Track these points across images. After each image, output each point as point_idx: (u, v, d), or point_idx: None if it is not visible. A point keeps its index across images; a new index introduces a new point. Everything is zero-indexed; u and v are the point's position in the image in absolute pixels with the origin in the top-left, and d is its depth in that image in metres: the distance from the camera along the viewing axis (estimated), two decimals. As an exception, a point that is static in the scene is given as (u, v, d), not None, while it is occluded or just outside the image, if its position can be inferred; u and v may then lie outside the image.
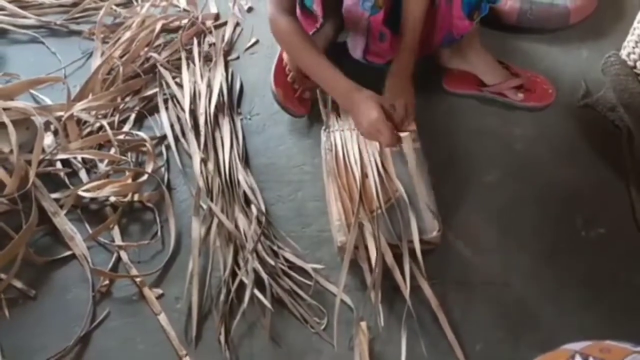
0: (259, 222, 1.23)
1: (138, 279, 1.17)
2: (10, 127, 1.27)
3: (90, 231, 1.25)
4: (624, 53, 1.43)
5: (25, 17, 1.73)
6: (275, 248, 1.20)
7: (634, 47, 1.37)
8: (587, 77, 1.46)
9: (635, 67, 1.38)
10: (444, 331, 1.06)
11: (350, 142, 1.29)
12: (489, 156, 1.34)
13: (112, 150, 1.38)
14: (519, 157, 1.33)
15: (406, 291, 1.07)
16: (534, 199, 1.26)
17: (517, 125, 1.39)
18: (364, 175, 1.23)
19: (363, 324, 1.07)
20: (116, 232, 1.25)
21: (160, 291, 1.17)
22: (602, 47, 1.51)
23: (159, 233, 1.25)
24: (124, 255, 1.22)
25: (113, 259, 1.22)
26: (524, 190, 1.27)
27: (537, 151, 1.34)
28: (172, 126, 1.44)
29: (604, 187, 1.27)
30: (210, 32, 1.66)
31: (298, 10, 1.32)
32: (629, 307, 1.09)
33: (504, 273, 1.15)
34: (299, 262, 1.18)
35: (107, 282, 1.18)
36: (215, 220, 1.23)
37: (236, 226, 1.22)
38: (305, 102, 1.43)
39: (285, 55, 1.43)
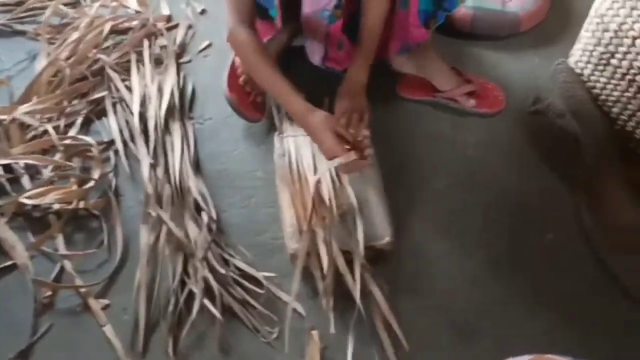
0: (210, 229, 1.21)
1: (82, 290, 1.13)
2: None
3: (33, 240, 1.20)
4: (571, 60, 1.45)
5: (-34, 15, 1.66)
6: (226, 256, 1.18)
7: (581, 55, 1.40)
8: (538, 84, 1.48)
9: (582, 74, 1.41)
10: (394, 338, 1.05)
11: (303, 147, 1.28)
12: (441, 162, 1.34)
13: (57, 156, 1.33)
14: (470, 163, 1.34)
15: (357, 298, 1.06)
16: (484, 205, 1.27)
17: (469, 131, 1.40)
18: (317, 182, 1.21)
19: (314, 333, 1.05)
20: (60, 240, 1.21)
21: (106, 302, 1.13)
22: (552, 54, 1.54)
23: (105, 241, 1.21)
24: (68, 264, 1.18)
25: (57, 268, 1.17)
26: (474, 196, 1.28)
27: (488, 157, 1.35)
28: (120, 131, 1.40)
29: (552, 193, 1.29)
30: (162, 34, 1.63)
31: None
32: (574, 316, 1.10)
33: (454, 280, 1.15)
34: (250, 270, 1.16)
35: (49, 293, 1.14)
36: (165, 228, 1.20)
37: (186, 234, 1.19)
38: (259, 107, 1.41)
39: (238, 59, 1.41)
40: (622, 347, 1.06)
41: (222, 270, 1.13)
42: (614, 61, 1.27)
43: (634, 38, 1.19)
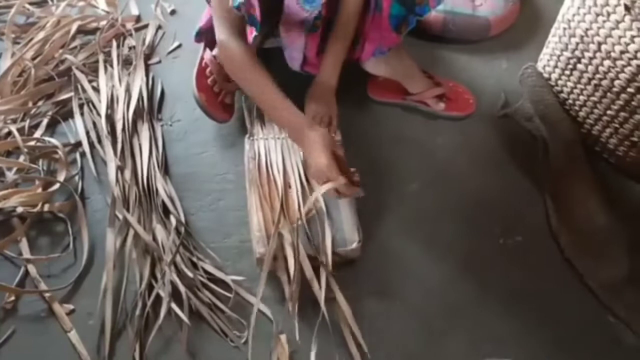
0: (178, 232, 1.19)
1: (47, 294, 1.11)
2: None
3: (-5, 244, 1.18)
4: (540, 65, 1.47)
5: None
6: (194, 259, 1.17)
7: (548, 60, 1.42)
8: (507, 88, 1.50)
9: (550, 79, 1.43)
10: (358, 343, 1.05)
11: (274, 151, 1.28)
12: (411, 165, 1.35)
13: (21, 158, 1.30)
14: (440, 166, 1.35)
15: (322, 303, 1.06)
16: (454, 208, 1.28)
17: (439, 134, 1.41)
18: (287, 185, 1.21)
19: (282, 337, 1.05)
20: (24, 244, 1.18)
21: (71, 307, 1.11)
22: (521, 58, 1.55)
23: (70, 245, 1.19)
24: (32, 269, 1.15)
25: (20, 273, 1.15)
26: (444, 199, 1.29)
27: (458, 160, 1.36)
28: (87, 132, 1.37)
29: (521, 196, 1.30)
30: (131, 35, 1.60)
31: None
32: (545, 316, 1.11)
33: (424, 283, 1.16)
34: (218, 273, 1.15)
35: (12, 298, 1.11)
36: (132, 231, 1.18)
37: (154, 237, 1.18)
38: (228, 108, 1.40)
39: (207, 57, 1.39)
40: (593, 346, 1.08)
41: (190, 274, 1.12)
42: (580, 66, 1.30)
43: (599, 44, 1.21)
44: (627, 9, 1.12)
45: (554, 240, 1.22)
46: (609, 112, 1.27)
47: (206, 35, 1.40)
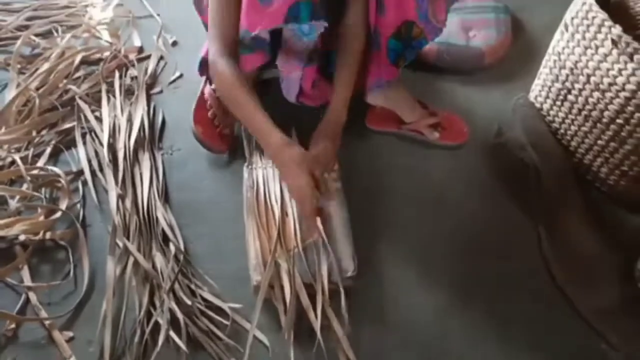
0: (177, 260, 1.21)
1: (47, 322, 1.12)
2: None
3: (-2, 271, 1.20)
4: (532, 95, 1.51)
5: None
6: (193, 287, 1.18)
7: (540, 90, 1.45)
8: (500, 117, 1.53)
9: (542, 109, 1.46)
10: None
11: (272, 179, 1.30)
12: (405, 193, 1.37)
13: (24, 186, 1.32)
14: (434, 194, 1.37)
15: (318, 331, 1.07)
16: (448, 235, 1.30)
17: (434, 162, 1.44)
18: (284, 214, 1.23)
19: (278, 365, 1.06)
20: (25, 272, 1.20)
21: (70, 334, 1.12)
22: (514, 88, 1.59)
23: (71, 273, 1.21)
24: (32, 296, 1.16)
25: (21, 300, 1.16)
26: (438, 227, 1.31)
27: (452, 188, 1.39)
28: (89, 161, 1.40)
29: (514, 223, 1.33)
30: (133, 65, 1.64)
31: None
32: (534, 343, 1.13)
33: (420, 310, 1.17)
34: (216, 301, 1.16)
35: (13, 325, 1.12)
36: (132, 259, 1.20)
37: (153, 265, 1.20)
38: (226, 138, 1.43)
39: (207, 90, 1.43)
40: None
41: (189, 302, 1.14)
42: (570, 97, 1.33)
43: (589, 76, 1.24)
44: (614, 43, 1.15)
45: (546, 268, 1.24)
46: (599, 142, 1.30)
47: (208, 68, 1.44)
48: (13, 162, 1.36)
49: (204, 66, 1.42)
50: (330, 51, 1.37)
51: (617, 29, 1.14)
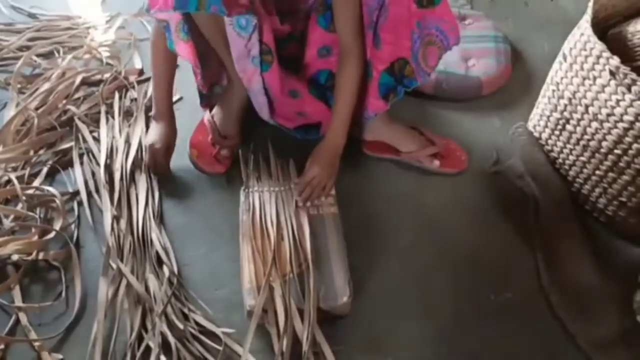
0: (170, 283, 1.20)
1: (36, 343, 1.11)
2: None
3: (-12, 291, 1.18)
4: (530, 125, 1.51)
5: (-64, 63, 1.67)
6: (185, 311, 1.17)
7: (538, 120, 1.45)
8: (498, 146, 1.53)
9: (540, 138, 1.47)
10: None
11: (268, 203, 1.30)
12: (403, 221, 1.36)
13: (19, 206, 1.32)
14: (432, 222, 1.37)
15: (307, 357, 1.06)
16: (446, 264, 1.29)
17: (432, 190, 1.43)
18: (280, 238, 1.22)
19: (271, 391, 1.04)
20: (17, 292, 1.19)
21: (60, 356, 1.10)
22: (512, 117, 1.60)
23: (63, 294, 1.19)
24: (23, 317, 1.15)
25: (11, 321, 1.14)
26: (436, 255, 1.30)
27: (450, 216, 1.38)
28: (85, 182, 1.40)
29: (512, 253, 1.32)
30: (133, 87, 1.65)
31: None
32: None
33: (414, 340, 1.16)
34: (209, 325, 1.15)
35: (2, 346, 1.10)
36: (124, 281, 1.19)
37: (146, 288, 1.19)
38: (224, 161, 1.44)
39: (205, 117, 1.46)
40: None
41: (181, 325, 1.12)
42: (569, 127, 1.33)
43: (587, 106, 1.25)
44: (612, 74, 1.16)
45: (545, 298, 1.23)
46: (597, 172, 1.29)
47: (208, 99, 1.48)
48: (9, 181, 1.35)
49: (206, 100, 1.46)
50: (319, 70, 1.40)
51: (615, 60, 1.14)
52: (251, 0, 1.20)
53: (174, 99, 1.63)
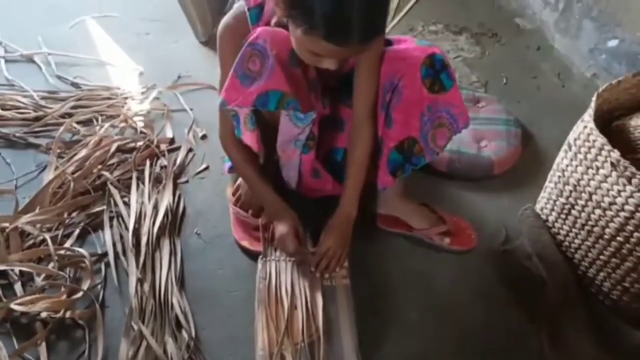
0: (188, 346, 1.26)
1: (59, 400, 1.16)
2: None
3: (17, 346, 1.25)
4: (538, 207, 1.57)
5: (-15, 126, 1.79)
6: (200, 375, 1.22)
7: (545, 203, 1.51)
8: (508, 225, 1.59)
9: (547, 220, 1.52)
10: None
11: (284, 272, 1.36)
12: (413, 294, 1.42)
13: (51, 265, 1.40)
14: (440, 297, 1.42)
15: None
16: (452, 339, 1.33)
17: (441, 266, 1.49)
18: (293, 307, 1.28)
19: None
20: (43, 349, 1.25)
21: (80, 414, 1.16)
22: (522, 197, 1.66)
23: (86, 353, 1.26)
24: (47, 373, 1.21)
25: (36, 377, 1.21)
26: (443, 330, 1.35)
27: (457, 293, 1.43)
28: (114, 244, 1.48)
29: (518, 331, 1.35)
30: (164, 155, 1.75)
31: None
32: None
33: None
34: (222, 390, 1.20)
35: (26, 401, 1.17)
36: (145, 343, 1.25)
37: (165, 350, 1.25)
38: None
39: (234, 212, 1.55)
40: None
41: (194, 389, 1.17)
42: (574, 212, 1.38)
43: (590, 194, 1.30)
44: (614, 166, 1.22)
45: (548, 378, 1.26)
46: (601, 256, 1.34)
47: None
48: (43, 241, 1.44)
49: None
50: (336, 148, 1.48)
51: (615, 154, 1.21)
52: (315, 97, 1.32)
53: (201, 168, 1.74)
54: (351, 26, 1.01)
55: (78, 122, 1.83)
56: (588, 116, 1.31)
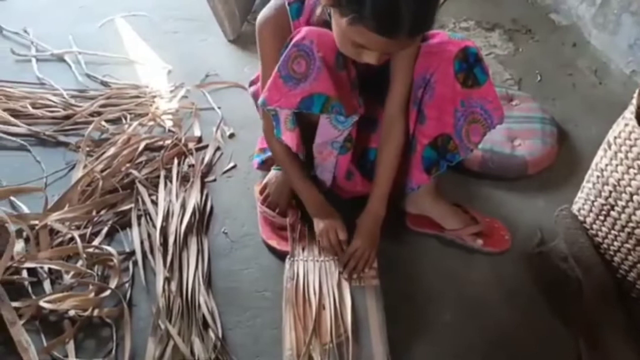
0: (214, 346, 1.24)
1: (85, 398, 1.16)
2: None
3: (45, 343, 1.25)
4: (575, 208, 1.52)
5: (16, 125, 1.80)
6: (227, 376, 1.21)
7: (583, 204, 1.46)
8: (543, 226, 1.54)
9: (584, 222, 1.47)
10: None
11: (312, 273, 1.34)
12: (444, 297, 1.38)
13: (79, 263, 1.40)
14: (473, 300, 1.38)
15: None
16: (485, 342, 1.29)
17: (474, 267, 1.45)
18: (321, 307, 1.26)
19: None
20: (70, 347, 1.25)
21: (105, 412, 1.15)
22: (557, 198, 1.61)
23: (113, 351, 1.25)
24: (74, 371, 1.21)
25: (63, 375, 1.21)
26: (476, 333, 1.31)
27: (491, 295, 1.39)
28: (142, 243, 1.47)
29: (553, 335, 1.31)
30: (192, 154, 1.74)
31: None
32: None
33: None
34: (249, 391, 1.18)
35: (53, 399, 1.17)
36: (171, 342, 1.24)
37: (191, 350, 1.23)
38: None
39: (260, 210, 1.53)
40: None
41: (221, 390, 1.16)
42: (613, 213, 1.34)
43: (631, 194, 1.25)
44: (656, 164, 1.17)
45: (587, 387, 1.21)
46: (642, 260, 1.29)
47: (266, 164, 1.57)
48: (72, 239, 1.44)
49: (265, 163, 1.56)
50: (368, 148, 1.44)
51: (658, 152, 1.16)
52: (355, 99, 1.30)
53: (228, 166, 1.73)
54: (402, 17, 0.98)
55: (107, 121, 1.84)
56: (629, 113, 1.26)
